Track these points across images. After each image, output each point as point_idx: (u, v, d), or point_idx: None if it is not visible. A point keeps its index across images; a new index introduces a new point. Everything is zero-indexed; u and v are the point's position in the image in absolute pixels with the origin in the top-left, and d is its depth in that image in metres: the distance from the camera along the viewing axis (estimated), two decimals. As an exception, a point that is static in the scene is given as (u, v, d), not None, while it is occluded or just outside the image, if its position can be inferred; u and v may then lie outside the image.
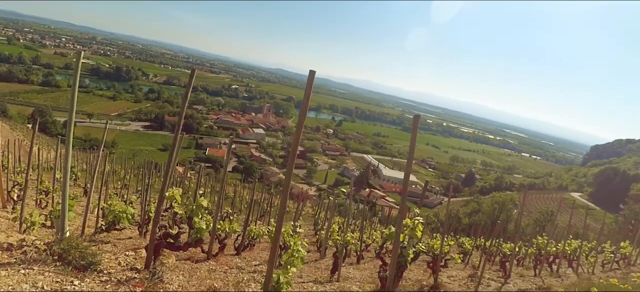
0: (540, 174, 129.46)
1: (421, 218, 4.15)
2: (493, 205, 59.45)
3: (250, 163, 79.13)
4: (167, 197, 3.94)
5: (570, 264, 9.05)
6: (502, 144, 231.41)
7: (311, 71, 2.43)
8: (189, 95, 3.38)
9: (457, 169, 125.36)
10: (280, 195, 5.39)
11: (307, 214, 23.65)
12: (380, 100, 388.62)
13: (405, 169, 3.25)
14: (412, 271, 8.19)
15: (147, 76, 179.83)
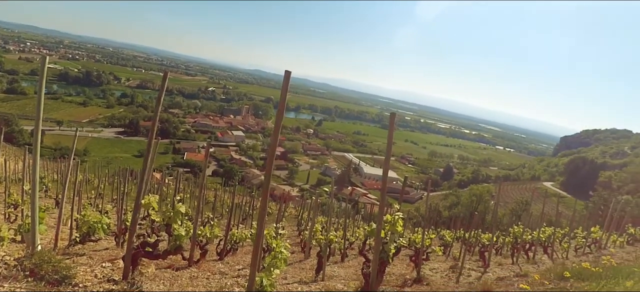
0: (515, 166, 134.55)
1: (401, 213, 4.20)
2: (471, 197, 61.11)
3: (230, 166, 78.04)
4: (144, 205, 3.82)
5: (546, 251, 9.42)
6: (478, 138, 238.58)
7: (287, 72, 2.41)
8: (163, 99, 3.27)
9: (436, 164, 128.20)
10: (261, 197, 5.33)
11: (290, 215, 23.55)
12: (359, 99, 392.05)
13: (384, 166, 3.28)
14: (396, 265, 8.30)
15: (119, 80, 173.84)
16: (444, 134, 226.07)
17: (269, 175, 2.56)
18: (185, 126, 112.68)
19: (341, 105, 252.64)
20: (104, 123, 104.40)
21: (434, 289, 5.43)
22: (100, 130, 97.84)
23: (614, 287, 4.19)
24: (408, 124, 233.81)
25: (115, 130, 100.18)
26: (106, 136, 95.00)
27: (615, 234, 10.71)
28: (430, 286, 5.72)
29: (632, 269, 5.37)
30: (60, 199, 7.96)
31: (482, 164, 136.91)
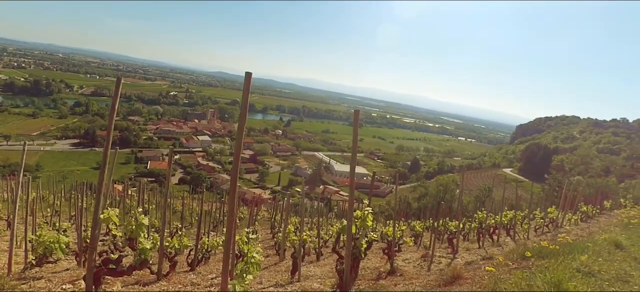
0: (476, 155, 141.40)
1: (370, 208, 4.25)
2: (438, 187, 63.37)
3: (197, 173, 75.68)
4: (103, 220, 3.58)
5: (508, 233, 9.95)
6: (441, 131, 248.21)
7: (247, 73, 2.34)
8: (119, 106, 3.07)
9: (403, 158, 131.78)
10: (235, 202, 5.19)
11: (263, 218, 23.24)
12: (326, 98, 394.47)
13: (350, 163, 3.31)
14: (370, 259, 8.42)
15: (71, 88, 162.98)
16: (409, 129, 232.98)
17: (235, 179, 2.48)
18: (147, 134, 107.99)
19: (309, 104, 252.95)
20: (57, 135, 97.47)
21: (407, 279, 5.55)
22: (53, 143, 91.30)
23: (571, 263, 4.49)
24: (375, 121, 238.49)
25: (69, 142, 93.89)
26: (60, 149, 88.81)
27: (570, 213, 11.53)
28: (403, 277, 5.85)
29: (586, 245, 5.79)
30: (11, 220, 7.32)
31: (446, 155, 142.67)
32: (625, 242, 6.55)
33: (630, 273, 4.93)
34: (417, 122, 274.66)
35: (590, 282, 3.97)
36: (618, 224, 9.59)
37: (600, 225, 10.42)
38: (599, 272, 4.45)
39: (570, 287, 3.31)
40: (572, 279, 3.61)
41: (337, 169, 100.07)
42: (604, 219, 11.99)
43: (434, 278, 5.00)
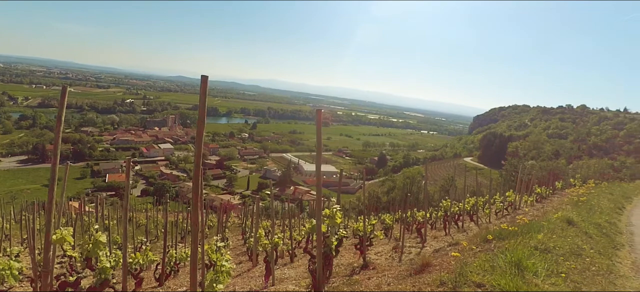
0: (439, 147, 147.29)
1: (338, 206, 4.29)
2: (405, 180, 65.21)
3: (161, 183, 72.49)
4: (55, 241, 3.33)
5: (472, 219, 10.45)
6: (405, 125, 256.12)
7: (203, 76, 2.27)
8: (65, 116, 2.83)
9: (370, 154, 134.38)
10: (199, 212, 5.02)
11: (234, 224, 22.73)
12: (292, 98, 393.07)
13: (316, 162, 3.31)
14: (344, 256, 8.49)
15: (15, 100, 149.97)
16: (374, 125, 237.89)
17: (197, 187, 2.39)
18: (102, 145, 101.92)
19: (274, 106, 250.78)
20: (2, 152, 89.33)
21: (379, 271, 5.66)
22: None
23: (529, 241, 4.80)
24: (341, 119, 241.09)
25: (16, 159, 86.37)
26: (6, 167, 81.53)
27: (526, 195, 12.31)
28: (376, 270, 5.96)
29: (542, 224, 6.21)
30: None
31: (411, 148, 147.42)
32: (576, 218, 7.10)
33: (582, 247, 5.36)
34: (382, 118, 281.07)
35: (547, 258, 4.25)
36: (569, 202, 10.37)
37: (553, 204, 11.22)
38: (554, 248, 4.79)
39: (529, 264, 3.53)
40: (530, 257, 3.85)
41: (306, 169, 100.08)
42: (556, 198, 12.93)
43: (405, 268, 5.14)
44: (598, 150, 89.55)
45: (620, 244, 6.68)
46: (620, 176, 34.97)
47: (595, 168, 40.86)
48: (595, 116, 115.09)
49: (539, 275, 3.41)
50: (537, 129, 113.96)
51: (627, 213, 10.97)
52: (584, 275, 4.24)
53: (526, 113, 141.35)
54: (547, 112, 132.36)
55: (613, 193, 14.23)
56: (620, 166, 61.77)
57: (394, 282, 4.26)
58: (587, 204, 9.81)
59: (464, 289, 3.03)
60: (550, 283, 3.34)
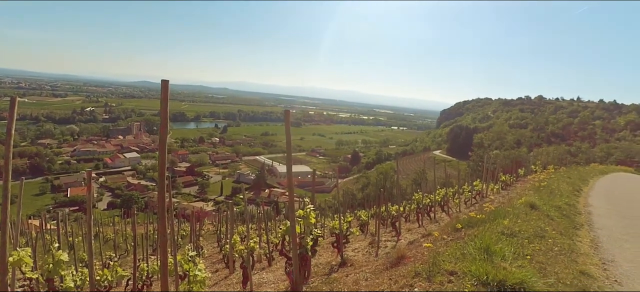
0: (409, 142, 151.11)
1: (312, 205, 4.29)
2: (378, 176, 66.45)
3: (128, 194, 69.38)
4: (12, 264, 3.10)
5: (443, 209, 10.82)
6: (375, 122, 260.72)
7: (164, 81, 2.19)
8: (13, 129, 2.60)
9: (344, 152, 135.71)
10: (167, 222, 4.86)
11: (208, 232, 22.18)
12: (262, 100, 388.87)
13: (286, 164, 3.30)
14: (322, 255, 8.52)
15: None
16: (346, 123, 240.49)
17: (163, 196, 2.30)
18: (62, 157, 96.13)
19: (244, 108, 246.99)
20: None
21: (357, 268, 5.73)
22: (-61, 182, 76.62)
23: (496, 227, 5.04)
24: (313, 119, 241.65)
25: (-38, 179, 79.66)
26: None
27: (492, 184, 12.90)
28: (354, 266, 6.02)
29: (507, 210, 6.53)
30: None
31: (382, 144, 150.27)
32: (538, 202, 7.52)
33: (545, 229, 5.69)
34: (353, 117, 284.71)
35: (513, 242, 4.48)
36: (531, 188, 10.96)
37: (517, 191, 11.82)
38: (519, 232, 5.05)
39: (497, 249, 3.70)
40: (498, 242, 4.04)
41: (281, 171, 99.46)
42: (519, 185, 13.63)
43: (381, 262, 5.23)
44: (556, 137, 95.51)
45: (580, 224, 7.15)
46: (577, 160, 37.52)
47: (554, 154, 43.60)
48: (552, 106, 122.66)
49: (506, 259, 3.59)
50: (499, 121, 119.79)
51: (584, 194, 11.76)
52: (548, 255, 4.51)
53: (489, 105, 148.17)
54: (508, 103, 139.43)
55: (571, 177, 15.20)
56: (576, 151, 66.28)
57: (371, 277, 4.33)
58: (547, 188, 10.42)
59: (437, 278, 3.13)
60: (517, 266, 3.52)
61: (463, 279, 3.06)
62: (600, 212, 8.95)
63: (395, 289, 3.18)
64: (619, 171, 25.77)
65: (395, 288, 3.20)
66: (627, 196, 12.78)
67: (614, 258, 5.29)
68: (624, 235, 6.82)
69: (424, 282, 3.11)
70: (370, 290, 3.44)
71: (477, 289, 2.87)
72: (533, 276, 3.25)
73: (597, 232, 6.81)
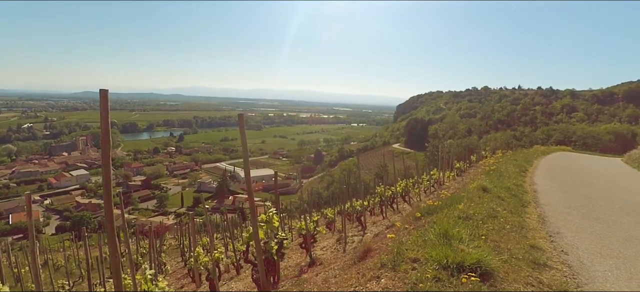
0: (369, 137, 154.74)
1: (274, 209, 4.27)
2: (342, 173, 67.39)
3: (78, 215, 64.26)
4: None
5: (405, 199, 11.22)
6: (335, 121, 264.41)
7: (102, 91, 2.06)
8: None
9: (306, 152, 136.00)
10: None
11: (171, 246, 21.23)
12: (219, 105, 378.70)
13: (244, 168, 3.24)
14: (291, 257, 8.49)
15: None
16: (307, 123, 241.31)
17: (110, 215, 2.15)
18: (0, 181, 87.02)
19: (200, 114, 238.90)
20: None
21: (326, 266, 5.79)
22: None
23: (453, 212, 5.33)
24: (273, 121, 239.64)
25: None
26: None
27: (448, 171, 13.58)
28: (323, 265, 6.07)
29: (462, 195, 6.92)
30: None
31: (344, 142, 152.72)
32: (489, 185, 8.05)
33: (497, 209, 6.10)
34: (313, 116, 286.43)
35: (469, 224, 4.77)
36: (482, 172, 11.70)
37: (471, 176, 12.56)
38: (474, 214, 5.38)
39: (454, 233, 3.92)
40: (455, 226, 4.28)
41: (243, 176, 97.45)
42: (472, 170, 14.49)
43: (349, 258, 5.33)
44: (502, 124, 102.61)
45: (527, 202, 7.76)
46: (521, 144, 40.62)
47: (501, 139, 46.88)
48: (497, 95, 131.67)
49: (464, 241, 3.81)
50: (451, 112, 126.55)
51: (530, 174, 12.75)
52: (501, 234, 4.85)
53: (440, 98, 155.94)
54: (457, 95, 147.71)
55: (517, 159, 16.41)
56: (521, 135, 71.70)
57: (340, 274, 4.39)
58: (497, 171, 11.17)
59: (402, 267, 3.25)
60: (474, 246, 3.75)
61: (425, 265, 3.21)
62: (545, 189, 9.78)
63: (363, 282, 3.26)
64: (559, 151, 28.30)
65: (363, 281, 3.28)
66: (566, 172, 14.08)
67: (559, 230, 5.81)
68: (566, 208, 7.51)
69: (390, 272, 3.21)
70: (339, 288, 3.49)
71: (438, 274, 3.02)
72: (488, 255, 3.49)
73: (543, 208, 7.44)
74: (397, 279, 3.04)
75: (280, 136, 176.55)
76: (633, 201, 8.62)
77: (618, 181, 12.21)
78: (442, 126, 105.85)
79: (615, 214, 7.14)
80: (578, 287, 3.73)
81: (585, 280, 3.91)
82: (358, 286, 3.25)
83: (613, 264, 4.41)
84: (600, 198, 8.71)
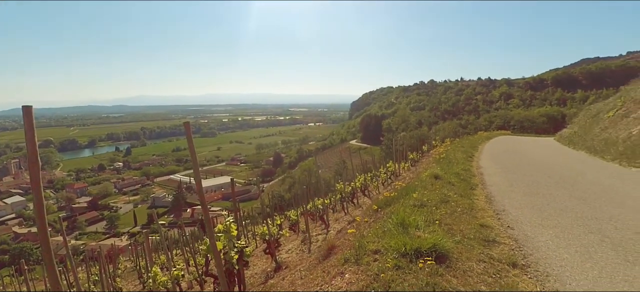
0: (326, 136, 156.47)
1: (231, 218, 4.20)
2: (302, 173, 67.44)
3: (18, 247, 57.77)
4: None
5: (364, 193, 11.53)
6: (292, 122, 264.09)
7: (25, 107, 1.90)
8: None
9: (265, 155, 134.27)
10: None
11: (127, 269, 19.86)
12: (168, 113, 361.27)
13: (195, 177, 3.13)
14: (257, 264, 8.36)
15: None
16: (263, 126, 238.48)
17: (47, 244, 1.98)
18: None
19: (148, 125, 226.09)
20: None
21: (292, 268, 5.79)
22: None
23: (408, 201, 5.59)
24: (228, 126, 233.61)
25: None
26: None
27: (403, 162, 14.16)
28: (289, 268, 6.07)
29: (416, 184, 7.27)
30: None
31: (302, 142, 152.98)
32: (440, 172, 8.52)
33: (448, 194, 6.49)
34: (269, 119, 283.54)
35: (424, 211, 5.04)
36: (434, 160, 12.34)
37: (423, 165, 13.19)
38: (428, 201, 5.69)
39: (411, 221, 4.13)
40: (411, 214, 4.50)
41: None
42: (424, 160, 15.22)
43: (314, 257, 5.38)
44: (448, 114, 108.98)
45: (475, 185, 8.33)
46: (467, 131, 43.38)
47: (449, 129, 49.74)
48: (442, 87, 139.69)
49: (420, 227, 4.03)
50: (402, 106, 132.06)
51: (476, 159, 13.67)
52: (453, 217, 5.17)
53: (391, 93, 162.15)
54: (407, 90, 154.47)
55: (464, 146, 17.51)
56: (466, 123, 76.56)
57: (306, 274, 4.42)
58: (446, 159, 11.85)
59: (364, 259, 3.36)
60: (430, 231, 3.97)
61: (386, 255, 3.35)
62: (490, 171, 10.57)
63: (328, 280, 3.32)
64: (500, 135, 30.71)
65: (328, 279, 3.34)
66: (508, 154, 15.31)
67: (504, 208, 6.32)
68: (509, 187, 8.18)
69: (353, 267, 3.31)
70: (306, 289, 3.52)
71: (398, 262, 3.17)
72: (443, 238, 3.72)
73: (489, 188, 8.04)
74: (361, 272, 3.13)
75: (236, 142, 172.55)
76: (566, 174, 9.60)
77: (552, 158, 13.52)
78: (395, 120, 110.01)
79: (552, 188, 7.91)
80: (525, 257, 4.10)
81: (530, 251, 4.31)
82: (324, 284, 3.30)
83: (553, 234, 4.90)
84: (538, 175, 9.59)
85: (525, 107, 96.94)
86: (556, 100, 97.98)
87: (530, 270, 3.79)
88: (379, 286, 2.78)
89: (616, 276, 3.59)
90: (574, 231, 5.00)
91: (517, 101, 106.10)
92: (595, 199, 6.78)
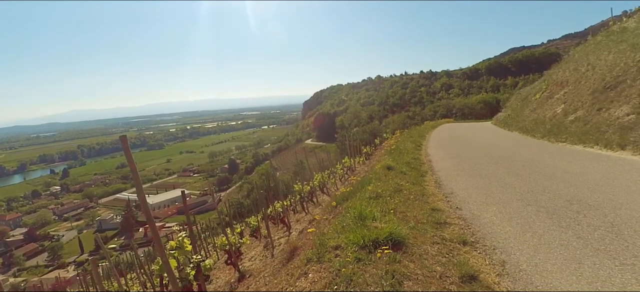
0: (281, 137, 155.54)
1: (184, 232, 4.07)
2: (260, 177, 66.29)
3: None
4: None
5: (323, 191, 11.67)
6: (245, 126, 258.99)
7: None
8: None
9: (219, 163, 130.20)
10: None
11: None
12: (107, 128, 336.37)
13: (138, 194, 2.97)
14: (220, 276, 8.12)
15: None
16: (214, 133, 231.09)
17: None
18: None
19: (86, 142, 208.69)
20: None
21: (256, 276, 5.73)
22: None
23: (364, 194, 5.78)
24: (176, 136, 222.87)
25: None
26: None
27: (357, 157, 14.56)
28: (253, 275, 5.98)
29: (370, 177, 7.53)
30: None
31: (257, 146, 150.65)
32: (392, 163, 8.89)
33: (401, 184, 6.80)
34: (220, 125, 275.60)
35: (379, 202, 5.24)
36: (386, 152, 12.82)
37: (376, 158, 13.66)
38: (382, 192, 5.92)
39: (367, 213, 4.29)
40: (367, 207, 4.67)
41: (152, 202, 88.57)
42: (377, 153, 15.76)
43: (278, 261, 5.37)
44: (397, 107, 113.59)
45: (425, 172, 8.81)
46: (415, 122, 45.70)
47: (398, 121, 52.00)
48: (389, 82, 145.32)
49: (376, 218, 4.19)
50: (352, 102, 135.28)
51: (424, 147, 14.44)
52: (407, 205, 5.44)
53: (342, 90, 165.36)
54: (356, 86, 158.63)
55: (412, 136, 18.40)
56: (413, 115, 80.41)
57: (271, 280, 4.41)
58: (397, 150, 12.39)
59: (326, 257, 3.43)
60: (386, 221, 4.15)
61: (346, 250, 3.45)
62: (437, 158, 11.24)
63: (292, 282, 3.35)
64: (444, 123, 32.76)
65: (292, 281, 3.36)
66: (452, 141, 16.38)
67: (452, 191, 6.77)
68: (455, 171, 8.77)
69: (316, 265, 3.36)
70: (270, 291, 3.51)
71: (358, 255, 3.28)
72: (398, 226, 3.91)
73: (438, 174, 8.56)
74: (323, 270, 3.20)
75: (187, 152, 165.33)
76: (503, 154, 10.51)
77: (491, 140, 14.72)
78: (347, 116, 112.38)
79: (492, 168, 8.63)
80: (473, 234, 4.43)
81: (477, 228, 4.67)
82: (288, 286, 3.32)
83: (496, 210, 5.35)
84: (479, 157, 10.39)
85: (464, 95, 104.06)
86: (491, 87, 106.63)
87: (479, 246, 4.12)
88: (341, 281, 2.86)
89: (553, 241, 4.02)
90: (514, 204, 5.51)
91: (457, 91, 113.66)
92: (530, 173, 7.51)
